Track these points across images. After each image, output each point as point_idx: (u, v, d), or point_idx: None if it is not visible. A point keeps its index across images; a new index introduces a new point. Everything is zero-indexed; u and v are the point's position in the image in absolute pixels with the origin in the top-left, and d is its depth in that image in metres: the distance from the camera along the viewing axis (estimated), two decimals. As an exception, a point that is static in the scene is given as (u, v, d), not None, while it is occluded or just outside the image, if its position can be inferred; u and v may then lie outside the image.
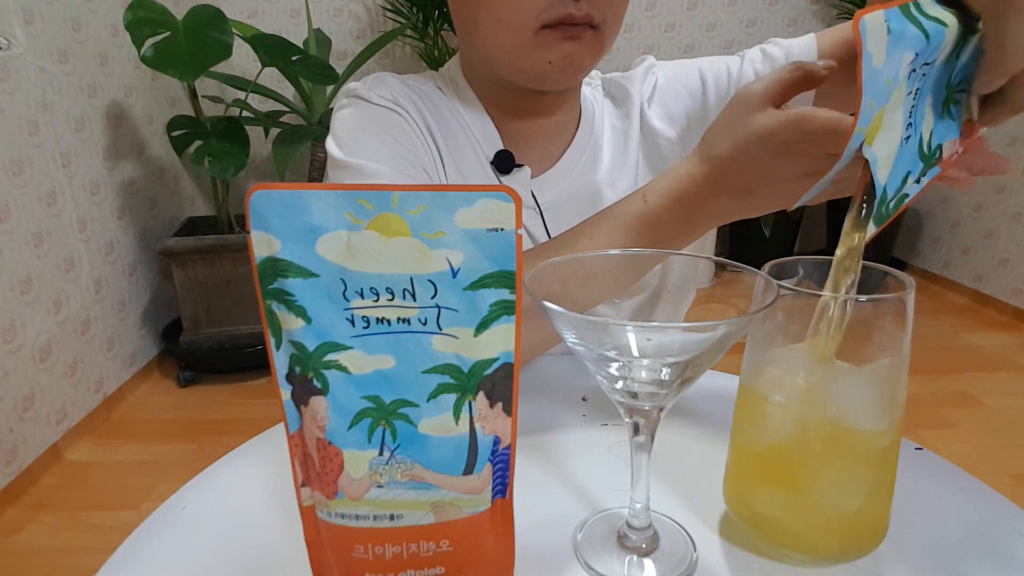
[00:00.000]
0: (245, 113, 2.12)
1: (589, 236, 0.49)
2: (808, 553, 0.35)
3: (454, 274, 0.26)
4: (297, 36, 2.50)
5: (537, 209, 0.64)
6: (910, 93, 0.31)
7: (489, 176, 0.63)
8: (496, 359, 0.28)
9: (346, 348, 0.27)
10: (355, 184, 0.34)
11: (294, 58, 2.02)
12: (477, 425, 0.29)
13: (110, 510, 1.53)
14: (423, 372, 0.27)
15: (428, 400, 0.28)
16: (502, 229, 0.26)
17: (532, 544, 0.37)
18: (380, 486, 0.28)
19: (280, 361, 0.27)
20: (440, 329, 0.27)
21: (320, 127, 2.36)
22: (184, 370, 2.13)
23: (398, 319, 0.27)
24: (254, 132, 2.29)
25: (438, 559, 0.30)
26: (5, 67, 1.63)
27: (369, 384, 0.27)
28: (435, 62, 2.55)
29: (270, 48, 1.98)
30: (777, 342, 0.34)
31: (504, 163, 0.62)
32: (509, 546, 0.32)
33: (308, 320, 0.26)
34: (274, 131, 2.17)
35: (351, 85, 0.62)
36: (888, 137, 0.32)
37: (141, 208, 2.25)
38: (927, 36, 0.29)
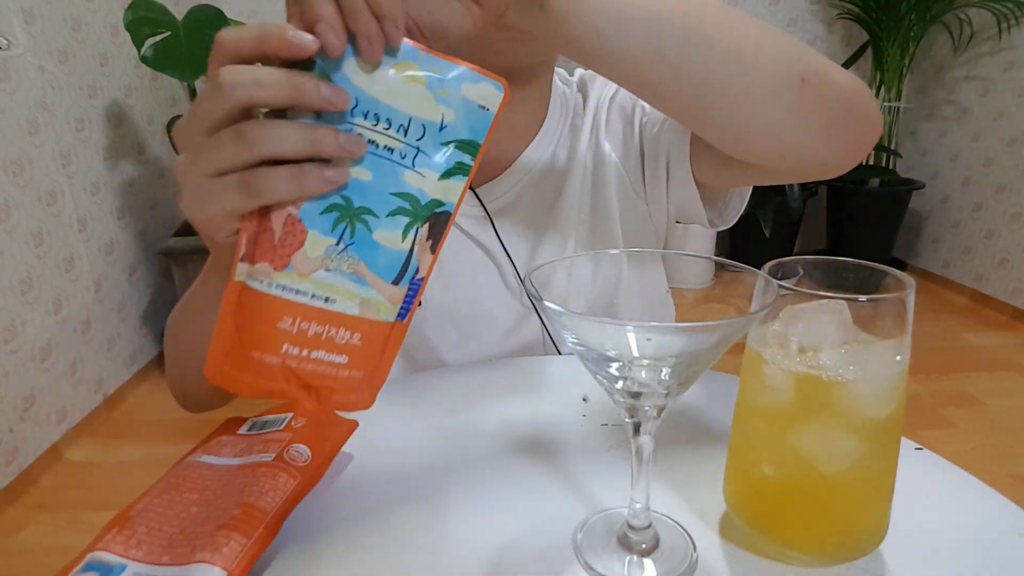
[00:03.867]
0: (245, 113, 2.12)
1: None
2: (808, 553, 0.35)
3: (441, 128, 0.32)
4: (297, 36, 2.50)
5: (487, 216, 0.61)
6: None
7: None
8: (444, 204, 0.33)
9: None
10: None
11: (294, 58, 2.02)
12: (415, 249, 0.33)
13: (110, 510, 1.52)
14: (390, 193, 0.32)
15: (387, 216, 0.32)
16: (487, 109, 0.32)
17: (532, 544, 0.37)
18: (328, 270, 0.32)
19: None
20: (414, 167, 0.32)
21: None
22: (184, 370, 2.12)
23: (385, 146, 0.31)
24: (254, 132, 2.28)
25: (346, 350, 0.33)
26: (5, 67, 1.63)
27: (346, 186, 0.31)
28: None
29: (270, 48, 1.98)
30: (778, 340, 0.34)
31: None
32: (388, 366, 0.35)
33: (319, 116, 0.30)
34: (274, 131, 2.17)
35: None
36: None
37: (141, 208, 2.25)
38: None
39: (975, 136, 2.73)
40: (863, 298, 0.32)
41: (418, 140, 0.32)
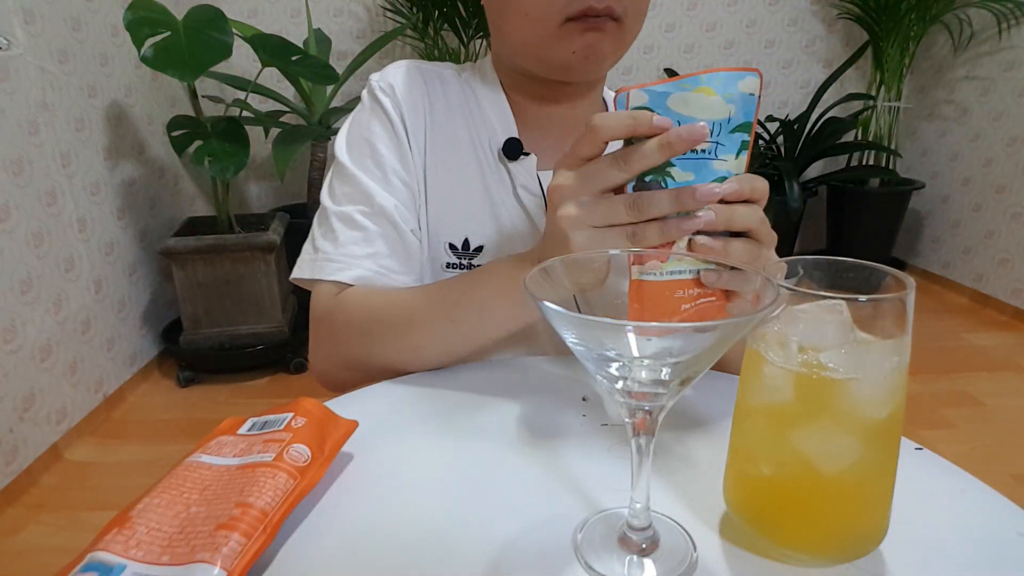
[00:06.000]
0: (245, 113, 2.12)
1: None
2: (808, 553, 0.35)
3: (728, 121, 0.41)
4: (297, 36, 2.50)
5: (543, 197, 0.64)
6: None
7: (483, 163, 0.65)
8: (739, 175, 0.43)
9: (673, 166, 0.42)
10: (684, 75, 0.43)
11: (294, 58, 2.02)
12: None
13: (110, 510, 1.52)
14: (711, 181, 0.42)
15: None
16: (753, 95, 0.41)
17: (532, 544, 0.37)
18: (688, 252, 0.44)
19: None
20: (717, 156, 0.42)
21: (320, 127, 2.36)
22: (184, 370, 2.13)
23: (701, 149, 0.41)
24: (254, 132, 2.29)
25: (713, 294, 0.45)
26: (5, 67, 1.63)
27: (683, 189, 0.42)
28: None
29: (270, 48, 1.98)
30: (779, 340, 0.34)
31: (512, 150, 0.64)
32: None
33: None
34: (274, 131, 2.17)
35: (374, 75, 0.66)
36: None
37: (141, 208, 2.25)
38: None
39: (975, 136, 2.73)
40: (863, 298, 0.32)
41: (716, 136, 0.41)
